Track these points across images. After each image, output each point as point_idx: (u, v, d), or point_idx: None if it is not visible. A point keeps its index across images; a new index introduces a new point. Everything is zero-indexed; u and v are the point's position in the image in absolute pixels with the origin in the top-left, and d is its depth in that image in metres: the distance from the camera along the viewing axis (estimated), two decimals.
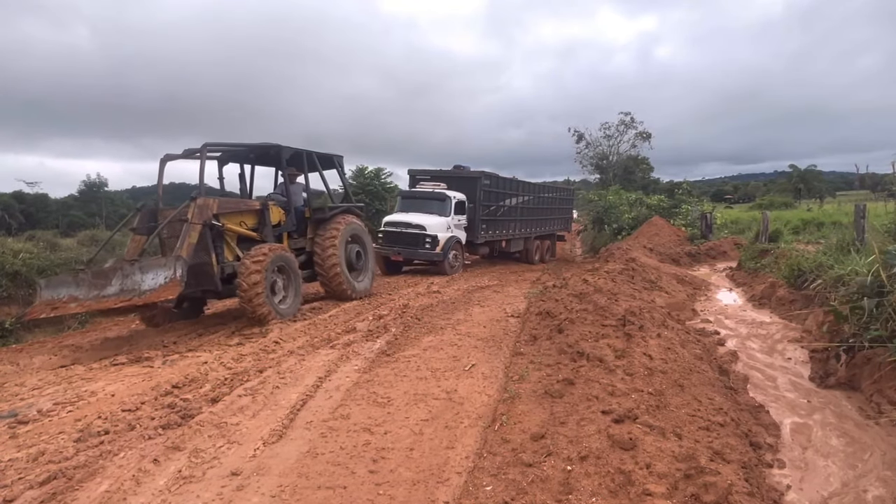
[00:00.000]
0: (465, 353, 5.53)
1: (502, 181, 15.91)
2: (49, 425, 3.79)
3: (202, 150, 7.34)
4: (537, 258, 18.14)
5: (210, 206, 6.94)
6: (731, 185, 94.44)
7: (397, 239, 13.25)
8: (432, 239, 12.85)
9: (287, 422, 3.75)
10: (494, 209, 15.25)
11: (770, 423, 4.09)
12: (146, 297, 5.86)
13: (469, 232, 14.43)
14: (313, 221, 8.96)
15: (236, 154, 8.79)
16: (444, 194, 13.85)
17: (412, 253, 13.10)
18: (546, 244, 19.00)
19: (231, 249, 7.40)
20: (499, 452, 3.17)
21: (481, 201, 14.49)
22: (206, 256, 6.89)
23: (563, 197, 20.93)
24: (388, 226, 13.54)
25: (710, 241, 15.48)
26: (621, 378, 3.93)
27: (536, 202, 18.07)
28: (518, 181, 16.95)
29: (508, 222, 16.22)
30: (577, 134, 37.55)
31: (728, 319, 7.61)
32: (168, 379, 4.74)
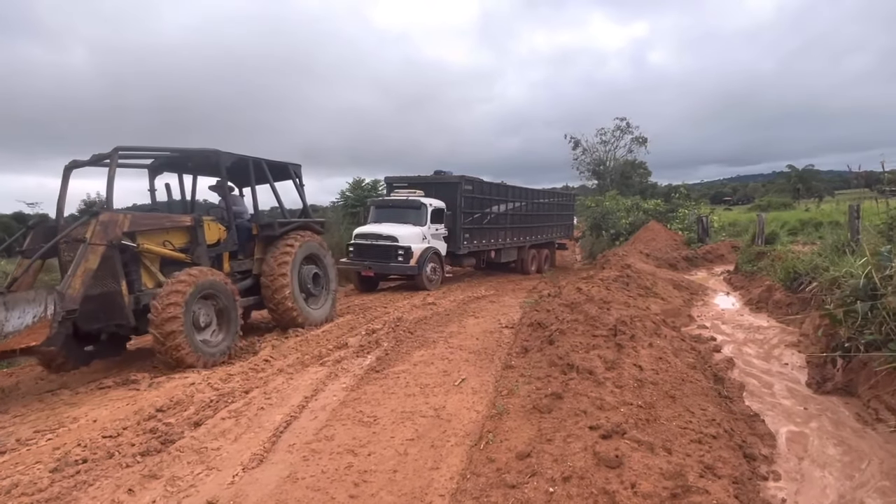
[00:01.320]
0: (456, 367, 5.44)
1: (487, 186, 14.86)
2: (26, 455, 3.70)
3: (112, 155, 6.07)
4: (534, 268, 17.09)
5: (118, 222, 5.73)
6: (730, 187, 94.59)
7: (368, 252, 12.25)
8: (405, 251, 11.84)
9: (269, 445, 3.67)
10: (479, 217, 14.28)
11: (766, 433, 3.99)
12: (7, 342, 4.83)
13: (450, 242, 13.40)
14: (262, 239, 7.85)
15: (171, 162, 7.65)
16: (419, 202, 12.81)
17: (384, 267, 12.06)
18: (544, 253, 18.02)
19: (151, 275, 6.19)
20: (483, 473, 3.08)
21: (463, 208, 13.47)
22: (114, 284, 5.71)
23: (561, 203, 19.81)
24: (357, 238, 12.57)
25: (708, 244, 15.40)
26: (611, 391, 3.84)
27: (530, 209, 17.12)
28: (507, 186, 15.92)
29: (496, 231, 15.21)
30: (573, 140, 37.75)
31: (725, 325, 7.51)
32: (153, 402, 4.65)
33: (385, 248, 12.03)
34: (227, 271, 7.23)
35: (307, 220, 8.63)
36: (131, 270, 5.99)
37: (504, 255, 15.67)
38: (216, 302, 6.31)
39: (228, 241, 7.31)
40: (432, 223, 12.71)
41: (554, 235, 18.96)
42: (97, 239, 5.47)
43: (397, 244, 11.91)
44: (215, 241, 7.13)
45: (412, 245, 11.92)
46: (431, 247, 12.45)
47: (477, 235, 14.19)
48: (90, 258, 5.37)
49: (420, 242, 12.19)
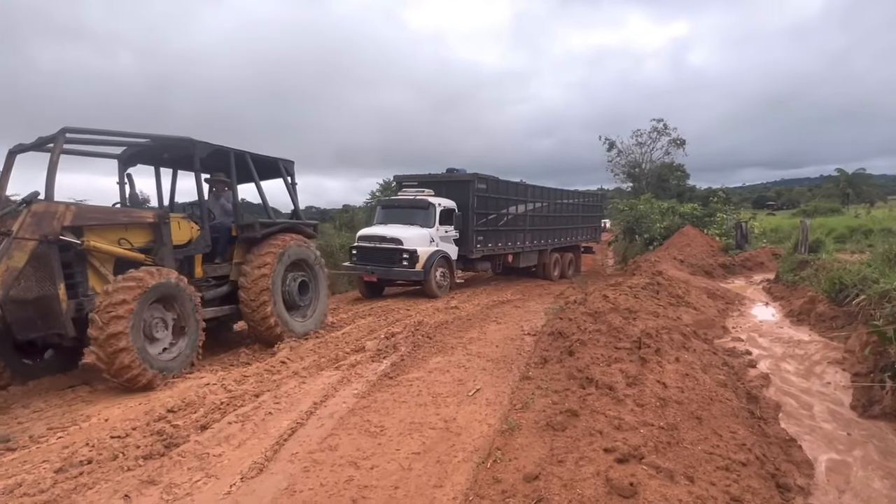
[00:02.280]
0: (472, 375, 5.26)
1: (503, 185, 13.77)
2: (36, 453, 3.72)
3: (58, 137, 5.23)
4: (556, 273, 15.92)
5: (58, 214, 4.95)
6: (774, 191, 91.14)
7: (371, 256, 11.37)
8: (410, 255, 10.95)
9: (271, 453, 3.57)
10: (494, 218, 13.22)
11: (802, 461, 3.66)
12: None
13: (462, 245, 12.40)
14: (242, 242, 6.98)
15: (145, 153, 6.86)
16: (427, 202, 11.85)
17: (387, 272, 11.15)
18: (568, 257, 16.85)
19: (101, 278, 5.38)
20: (487, 495, 2.89)
21: (475, 209, 12.48)
22: (51, 287, 4.92)
23: (587, 204, 18.54)
24: (360, 240, 11.74)
25: (747, 251, 14.70)
26: (630, 409, 3.60)
27: (552, 209, 15.95)
28: (526, 185, 14.78)
29: (514, 233, 14.08)
30: (608, 142, 36.95)
31: (762, 338, 7.08)
32: (164, 402, 4.64)
33: (389, 251, 11.20)
34: (200, 276, 6.51)
35: (295, 222, 7.80)
36: (75, 272, 5.22)
37: (523, 259, 14.73)
38: (173, 308, 5.56)
39: (200, 242, 6.46)
40: (441, 225, 11.79)
41: (579, 238, 17.88)
42: (26, 233, 4.76)
43: (402, 247, 11.08)
44: (185, 242, 6.34)
45: (418, 248, 11.08)
46: (440, 250, 11.56)
47: (491, 238, 13.23)
48: (15, 255, 4.68)
49: (427, 245, 11.37)
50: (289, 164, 7.88)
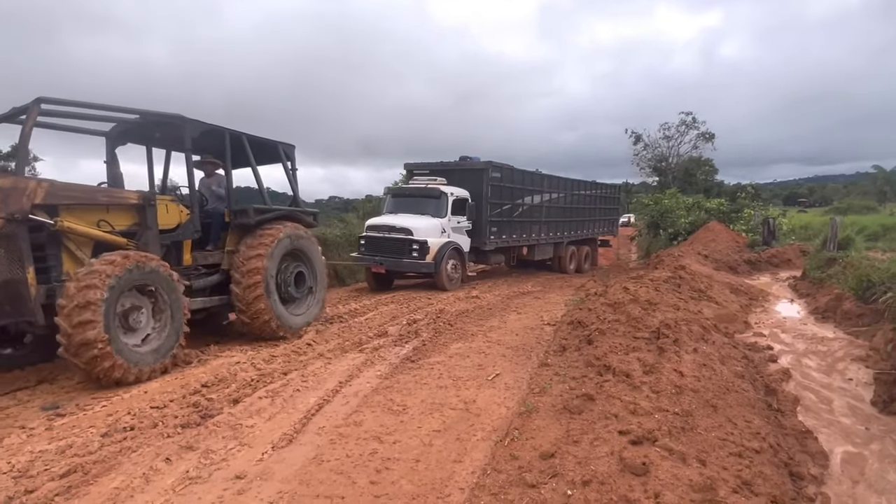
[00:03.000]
0: (492, 361, 5.40)
1: (519, 174, 13.20)
2: (83, 419, 3.99)
3: (32, 107, 4.81)
4: (572, 267, 15.62)
5: (28, 191, 4.56)
6: (806, 188, 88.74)
7: (379, 246, 10.97)
8: (420, 246, 10.56)
9: (300, 426, 3.78)
10: (509, 208, 12.76)
11: (818, 452, 3.70)
12: None
13: (474, 236, 11.98)
14: (236, 229, 6.57)
15: (135, 132, 6.46)
16: (439, 191, 11.41)
17: (396, 263, 10.71)
18: (584, 250, 16.51)
19: (77, 262, 4.94)
20: (504, 470, 3.03)
21: (489, 198, 12.03)
22: (19, 270, 4.51)
23: (604, 195, 17.96)
24: (369, 230, 11.34)
25: (774, 247, 14.45)
26: (646, 396, 3.68)
27: (569, 201, 15.44)
28: (542, 175, 14.20)
29: (529, 224, 13.62)
30: (634, 135, 36.44)
31: (784, 333, 7.03)
32: (199, 378, 4.90)
33: (398, 241, 10.78)
34: (189, 263, 6.14)
35: (294, 210, 7.35)
36: (48, 255, 4.82)
37: (538, 251, 14.28)
38: (154, 296, 5.14)
39: (188, 227, 6.03)
40: (454, 215, 11.40)
41: (596, 231, 17.40)
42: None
43: (412, 238, 10.65)
44: (173, 226, 5.92)
45: (429, 239, 10.66)
46: (452, 241, 11.18)
47: (506, 229, 12.74)
48: None
49: (438, 236, 10.94)
50: (289, 148, 7.48)
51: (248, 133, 6.69)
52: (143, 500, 2.82)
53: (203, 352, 5.87)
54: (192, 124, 5.96)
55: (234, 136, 6.47)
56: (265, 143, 7.05)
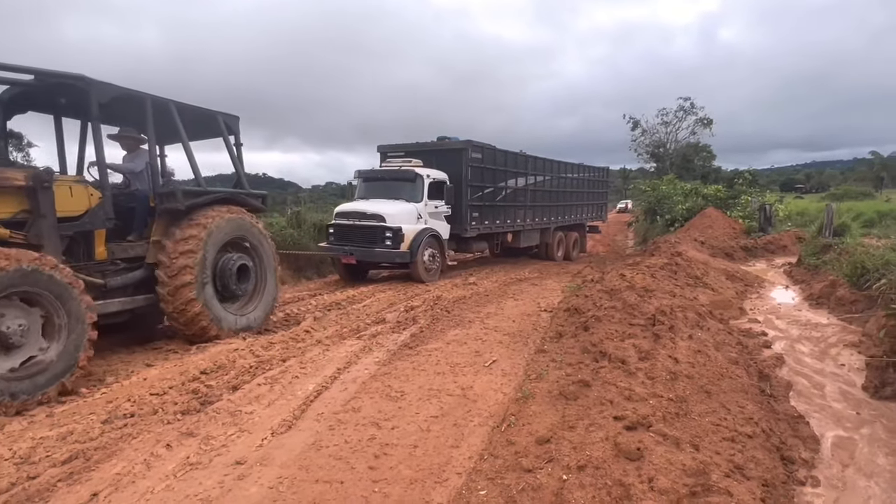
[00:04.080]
0: (489, 348, 5.44)
1: (502, 155, 12.40)
2: (83, 406, 4.01)
3: None
4: (560, 254, 14.95)
5: None
6: (804, 174, 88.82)
7: (349, 235, 10.12)
8: (394, 233, 9.69)
9: (299, 412, 3.81)
10: (492, 192, 11.98)
11: (809, 436, 3.77)
12: None
13: (454, 223, 11.15)
14: (163, 215, 5.65)
15: (33, 95, 5.46)
16: (414, 173, 10.56)
17: (368, 253, 9.84)
18: (573, 237, 15.83)
19: None
20: (501, 455, 3.08)
21: (470, 181, 11.21)
22: None
23: (593, 178, 17.28)
24: (338, 217, 10.51)
25: (770, 234, 14.50)
26: (641, 382, 3.73)
27: (556, 184, 14.72)
28: (526, 156, 13.41)
29: (514, 209, 12.87)
30: (632, 121, 36.35)
31: (779, 320, 7.10)
32: (198, 365, 4.92)
33: (370, 229, 9.92)
34: (103, 258, 5.20)
35: (235, 192, 6.42)
36: None
37: (524, 238, 13.59)
38: (40, 304, 4.13)
39: (97, 214, 5.04)
40: (431, 199, 10.55)
41: (584, 216, 16.77)
42: None
43: (384, 225, 9.79)
44: (80, 213, 4.96)
45: (403, 226, 9.80)
46: (429, 228, 10.31)
47: (488, 214, 11.97)
48: None
49: (414, 223, 10.11)
50: (231, 119, 6.53)
51: (179, 101, 5.81)
52: (145, 486, 2.85)
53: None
54: (100, 87, 4.99)
55: (158, 103, 5.59)
56: (201, 114, 6.16)
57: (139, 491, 2.81)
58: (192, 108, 6.01)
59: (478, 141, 11.66)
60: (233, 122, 6.56)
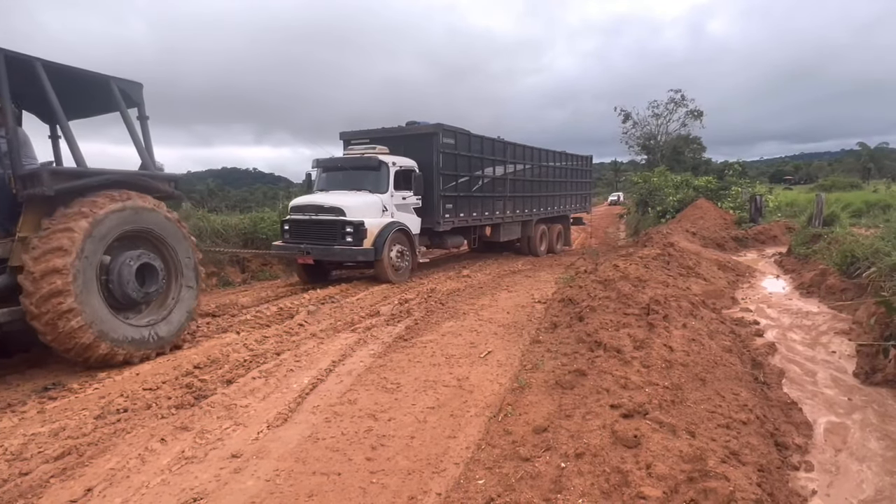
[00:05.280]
0: (484, 339, 5.44)
1: (477, 141, 11.34)
2: (75, 402, 3.97)
3: None
4: (543, 248, 14.05)
5: None
6: (792, 165, 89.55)
7: (305, 231, 9.01)
8: (355, 228, 8.58)
9: (294, 405, 3.79)
10: (467, 182, 10.95)
11: (802, 422, 3.80)
12: None
13: (426, 215, 10.10)
14: (33, 205, 4.53)
15: None
16: (377, 160, 9.41)
17: (326, 251, 8.70)
18: (556, 229, 14.93)
19: None
20: (498, 444, 3.08)
21: (441, 169, 10.12)
22: None
23: (576, 168, 16.29)
24: (293, 212, 9.39)
25: (761, 224, 14.62)
26: (637, 370, 3.74)
27: (538, 173, 13.86)
28: (504, 143, 12.39)
29: (492, 200, 11.92)
30: (623, 113, 36.35)
31: (770, 308, 7.16)
32: (191, 359, 4.89)
33: (327, 224, 8.80)
34: None
35: (131, 174, 5.24)
36: None
37: (504, 231, 12.64)
38: None
39: None
40: (398, 189, 9.49)
41: (568, 207, 15.86)
42: None
43: (344, 219, 8.67)
44: None
45: (366, 220, 8.73)
46: (396, 222, 9.24)
47: (464, 206, 10.93)
48: None
49: (378, 216, 9.04)
50: (131, 87, 5.34)
51: (52, 61, 4.64)
52: (140, 480, 2.83)
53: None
54: None
55: (21, 63, 4.44)
56: (85, 79, 4.98)
57: (134, 485, 2.78)
58: (71, 72, 4.84)
59: (450, 125, 10.53)
60: (133, 90, 5.37)
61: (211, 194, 32.51)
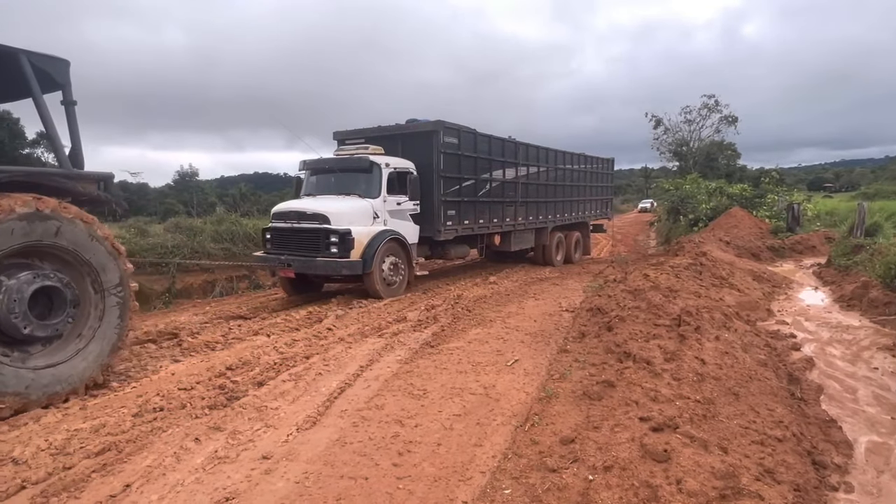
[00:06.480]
0: (511, 347, 5.42)
1: (484, 141, 10.35)
2: (114, 399, 4.12)
3: None
4: (560, 258, 13.12)
5: None
6: (832, 173, 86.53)
7: (287, 241, 8.18)
8: (340, 237, 7.66)
9: (323, 409, 3.85)
10: (472, 185, 9.93)
11: (841, 441, 3.67)
12: None
13: (425, 223, 9.16)
14: None
15: None
16: (368, 161, 8.51)
17: (308, 263, 7.83)
18: (574, 237, 13.85)
19: None
20: (525, 454, 3.07)
21: (442, 171, 9.14)
22: None
23: (596, 171, 15.17)
24: (275, 219, 8.51)
25: (798, 234, 14.17)
26: (667, 383, 3.68)
27: (554, 176, 12.87)
28: (516, 143, 11.38)
29: (501, 206, 10.95)
30: (654, 119, 35.78)
31: (808, 322, 6.93)
32: (224, 361, 5.02)
33: (310, 233, 7.93)
34: None
35: (32, 171, 4.56)
36: None
37: (515, 240, 11.60)
38: None
39: None
40: (391, 194, 8.55)
41: (587, 214, 14.70)
42: None
43: (328, 227, 7.78)
44: None
45: (353, 228, 7.80)
46: (388, 230, 8.33)
47: (468, 213, 9.92)
48: None
49: (368, 223, 8.13)
50: (52, 63, 4.41)
51: None
52: (175, 478, 2.92)
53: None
54: None
55: None
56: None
57: (170, 483, 2.87)
58: None
59: (452, 122, 9.51)
60: (56, 68, 4.43)
61: (243, 198, 33.36)
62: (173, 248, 10.00)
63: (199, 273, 10.09)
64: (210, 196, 48.35)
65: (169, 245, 10.12)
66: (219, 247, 10.84)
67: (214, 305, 8.46)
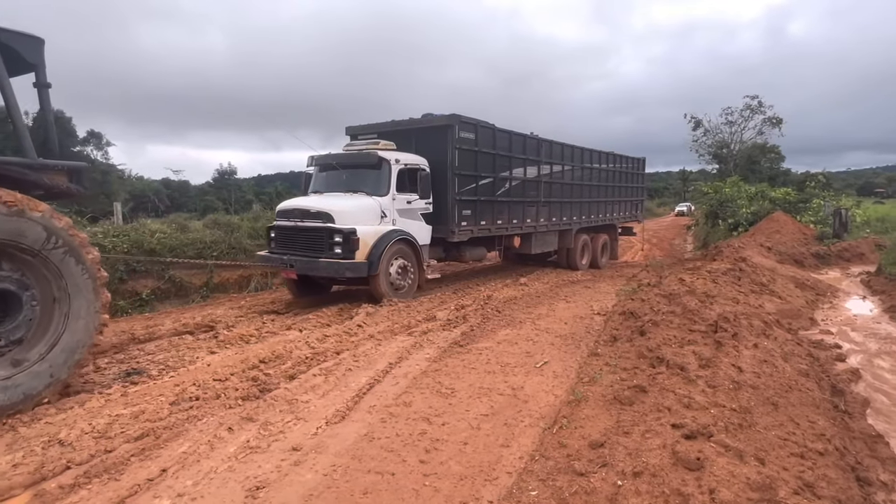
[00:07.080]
0: (540, 349, 5.37)
1: (504, 137, 9.76)
2: (153, 388, 4.28)
3: None
4: (585, 262, 12.56)
5: None
6: (884, 177, 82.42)
7: (290, 240, 7.83)
8: (344, 237, 7.27)
9: (352, 404, 3.90)
10: (489, 184, 9.37)
11: (888, 457, 3.49)
12: None
13: (438, 223, 8.69)
14: None
15: None
16: (377, 156, 8.07)
17: (311, 264, 7.39)
18: (601, 240, 13.27)
19: None
20: (552, 457, 3.03)
21: (457, 168, 8.62)
22: None
23: (626, 171, 14.39)
24: (279, 217, 8.22)
25: (846, 241, 13.53)
26: (702, 390, 3.57)
27: (580, 176, 12.22)
28: (539, 140, 10.72)
29: (521, 206, 10.33)
30: (694, 120, 34.91)
31: (855, 332, 6.62)
32: (257, 354, 5.14)
33: (314, 232, 7.55)
34: None
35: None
36: None
37: (536, 242, 11.02)
38: None
39: None
40: (401, 191, 8.11)
41: (616, 215, 13.97)
42: None
43: (332, 226, 7.39)
44: None
45: (359, 227, 7.39)
46: (397, 230, 7.89)
47: (485, 213, 9.37)
48: None
49: (375, 223, 7.73)
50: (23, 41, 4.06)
51: None
52: (209, 465, 3.00)
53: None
54: None
55: None
56: None
57: (203, 470, 2.96)
58: None
59: (469, 117, 8.95)
60: (27, 47, 4.07)
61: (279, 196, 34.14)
62: (211, 244, 10.28)
63: (236, 268, 10.36)
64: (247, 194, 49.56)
65: (207, 241, 10.41)
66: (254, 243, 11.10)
67: (250, 300, 8.66)
